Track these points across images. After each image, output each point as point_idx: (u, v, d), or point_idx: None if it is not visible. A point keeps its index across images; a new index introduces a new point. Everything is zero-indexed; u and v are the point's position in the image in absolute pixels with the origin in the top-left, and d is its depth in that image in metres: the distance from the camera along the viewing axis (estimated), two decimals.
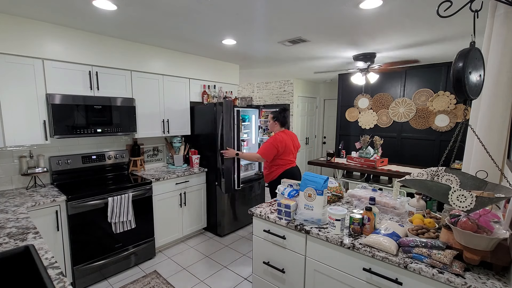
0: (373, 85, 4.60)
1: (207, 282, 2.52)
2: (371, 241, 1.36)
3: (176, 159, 3.41)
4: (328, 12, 2.07)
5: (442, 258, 1.16)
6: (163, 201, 2.99)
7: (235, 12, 2.07)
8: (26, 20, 2.20)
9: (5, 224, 1.65)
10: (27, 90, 2.22)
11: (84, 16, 2.17)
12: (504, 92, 1.38)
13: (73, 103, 2.42)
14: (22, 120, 2.22)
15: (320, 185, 1.58)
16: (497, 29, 1.39)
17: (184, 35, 2.66)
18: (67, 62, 2.43)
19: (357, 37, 2.72)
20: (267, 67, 4.34)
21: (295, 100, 5.68)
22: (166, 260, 2.89)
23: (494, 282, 1.08)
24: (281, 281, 1.77)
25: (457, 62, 1.14)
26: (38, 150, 2.56)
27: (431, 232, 1.35)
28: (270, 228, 1.78)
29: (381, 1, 1.87)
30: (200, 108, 3.44)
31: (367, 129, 4.76)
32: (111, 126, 2.69)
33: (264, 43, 2.95)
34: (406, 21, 2.24)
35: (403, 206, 1.75)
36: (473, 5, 1.24)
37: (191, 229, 3.36)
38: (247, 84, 6.46)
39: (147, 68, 3.02)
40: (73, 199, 2.26)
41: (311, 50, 3.22)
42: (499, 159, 1.44)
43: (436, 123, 4.01)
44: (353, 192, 1.97)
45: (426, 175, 1.41)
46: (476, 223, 1.17)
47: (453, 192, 1.07)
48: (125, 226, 2.56)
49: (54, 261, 1.22)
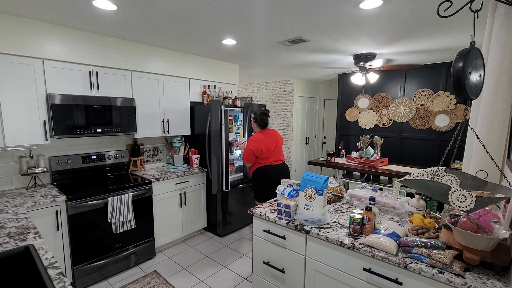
0: (373, 85, 4.60)
1: (207, 282, 2.52)
2: (371, 241, 1.36)
3: (176, 159, 3.41)
4: (328, 12, 2.07)
5: (442, 258, 1.16)
6: (163, 201, 2.99)
7: (235, 12, 2.07)
8: (26, 20, 2.20)
9: (5, 224, 1.65)
10: (27, 90, 2.22)
11: (84, 16, 2.17)
12: (504, 92, 1.38)
13: (73, 103, 2.42)
14: (22, 120, 2.22)
15: (320, 185, 1.58)
16: (497, 29, 1.39)
17: (184, 35, 2.66)
18: (67, 62, 2.43)
19: (357, 37, 2.72)
20: (267, 67, 4.34)
21: (295, 100, 5.67)
22: (166, 260, 2.89)
23: (494, 282, 1.08)
24: (281, 281, 1.77)
25: (457, 62, 1.14)
26: (38, 150, 2.56)
27: (431, 232, 1.35)
28: (270, 228, 1.78)
29: (381, 1, 1.87)
30: (200, 108, 3.44)
31: (367, 129, 4.76)
32: (111, 126, 2.69)
33: (264, 43, 2.95)
34: (406, 21, 2.24)
35: (403, 206, 1.75)
36: (473, 5, 1.24)
37: (191, 229, 3.36)
38: (247, 84, 6.45)
39: (147, 68, 3.01)
40: (73, 199, 2.26)
41: (311, 50, 3.22)
42: (499, 159, 1.44)
43: (436, 123, 4.01)
44: (353, 192, 1.97)
45: (426, 175, 1.41)
46: (476, 223, 1.17)
47: (453, 192, 1.07)
48: (125, 226, 2.56)
49: (54, 261, 1.22)
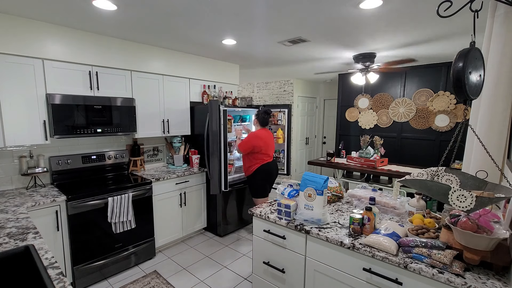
0: (373, 85, 4.60)
1: (207, 282, 2.52)
2: (371, 241, 1.36)
3: (176, 159, 3.41)
4: (328, 12, 2.07)
5: (442, 258, 1.16)
6: (163, 201, 2.99)
7: (235, 12, 2.07)
8: (26, 20, 2.20)
9: (5, 224, 1.65)
10: (27, 90, 2.22)
11: (84, 16, 2.17)
12: (504, 92, 1.39)
13: (73, 103, 2.42)
14: (22, 120, 2.22)
15: (320, 185, 1.58)
16: (497, 29, 1.39)
17: (184, 35, 2.66)
18: (67, 62, 2.43)
19: (357, 37, 2.72)
20: (267, 67, 4.34)
21: (295, 100, 5.68)
22: (166, 260, 2.89)
23: (494, 282, 1.08)
24: (281, 281, 1.77)
25: (457, 62, 1.14)
26: (38, 150, 2.56)
27: (431, 232, 1.35)
28: (270, 228, 1.78)
29: (381, 1, 1.87)
30: (200, 108, 3.44)
31: (367, 129, 4.76)
32: (111, 126, 2.69)
33: (264, 43, 2.95)
34: (406, 21, 2.24)
35: (403, 206, 1.75)
36: (473, 5, 1.24)
37: (191, 229, 3.36)
38: (247, 84, 6.46)
39: (147, 68, 3.02)
40: (73, 199, 2.26)
41: (311, 50, 3.22)
42: (499, 159, 1.44)
43: (436, 123, 4.01)
44: (353, 192, 1.97)
45: (426, 175, 1.41)
46: (476, 223, 1.17)
47: (453, 192, 1.07)
48: (125, 226, 2.56)
49: (54, 261, 1.22)
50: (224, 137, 3.17)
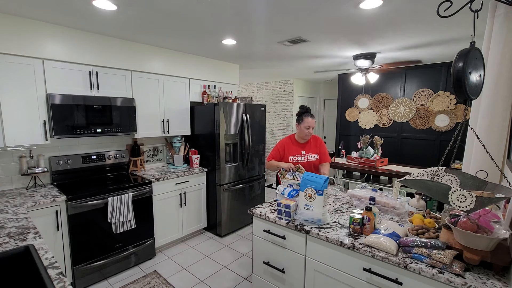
0: (373, 85, 4.60)
1: (207, 282, 2.52)
2: (371, 241, 1.36)
3: (176, 159, 3.41)
4: (328, 12, 2.07)
5: (442, 258, 1.16)
6: (163, 201, 2.99)
7: (235, 12, 2.07)
8: (26, 20, 2.20)
9: (5, 224, 1.65)
10: (27, 90, 2.22)
11: (84, 16, 2.17)
12: (504, 92, 1.39)
13: (73, 103, 2.42)
14: (22, 120, 2.22)
15: (320, 185, 1.58)
16: (497, 29, 1.39)
17: (184, 35, 2.66)
18: (67, 62, 2.43)
19: (357, 37, 2.72)
20: (267, 67, 4.34)
21: (295, 100, 5.67)
22: (166, 260, 2.89)
23: (494, 282, 1.08)
24: (281, 281, 1.77)
25: (457, 62, 1.14)
26: (38, 150, 2.56)
27: (431, 232, 1.35)
28: (270, 228, 1.78)
29: (381, 1, 1.87)
30: (200, 108, 3.44)
31: (367, 129, 4.76)
32: (111, 126, 2.69)
33: (264, 43, 2.95)
34: (406, 21, 2.24)
35: (403, 206, 1.75)
36: (473, 5, 1.24)
37: (191, 229, 3.36)
38: (247, 84, 6.45)
39: (147, 68, 3.01)
40: (73, 199, 2.26)
41: (311, 50, 3.22)
42: (499, 159, 1.44)
43: (436, 123, 4.01)
44: (353, 192, 1.97)
45: (426, 175, 1.41)
46: (476, 223, 1.17)
47: (453, 192, 1.07)
48: (125, 226, 2.56)
49: (54, 261, 1.22)
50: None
